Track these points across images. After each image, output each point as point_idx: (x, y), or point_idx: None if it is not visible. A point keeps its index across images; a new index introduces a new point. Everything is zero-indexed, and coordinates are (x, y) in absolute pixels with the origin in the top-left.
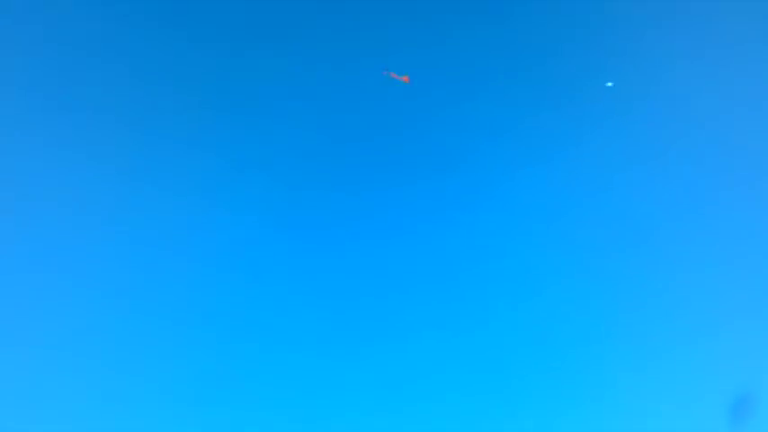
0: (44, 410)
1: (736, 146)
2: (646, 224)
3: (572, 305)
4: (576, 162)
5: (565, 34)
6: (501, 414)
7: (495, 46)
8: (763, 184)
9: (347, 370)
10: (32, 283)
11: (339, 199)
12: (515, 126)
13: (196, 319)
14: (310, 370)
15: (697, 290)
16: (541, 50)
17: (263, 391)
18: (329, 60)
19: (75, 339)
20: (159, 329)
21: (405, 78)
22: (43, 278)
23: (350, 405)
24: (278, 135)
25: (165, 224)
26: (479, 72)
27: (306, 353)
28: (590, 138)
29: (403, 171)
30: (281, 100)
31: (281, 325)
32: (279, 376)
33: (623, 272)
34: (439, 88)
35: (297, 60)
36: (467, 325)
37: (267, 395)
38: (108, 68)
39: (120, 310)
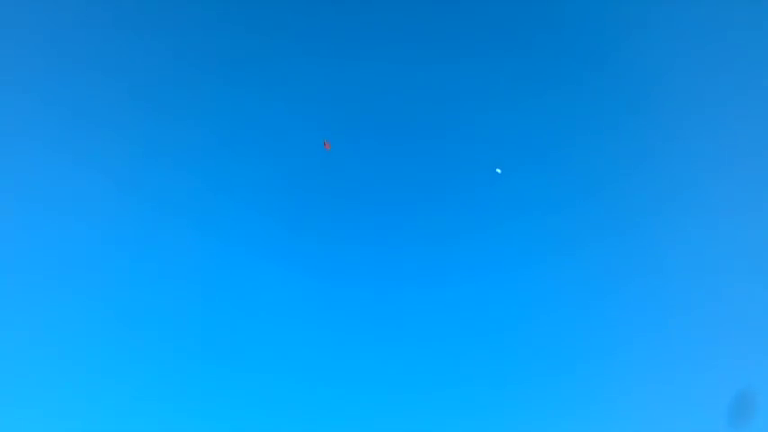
0: (41, 409)
1: (736, 148)
2: (645, 225)
3: (572, 306)
4: (574, 162)
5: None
6: (502, 414)
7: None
8: (763, 185)
9: (349, 367)
10: (30, 284)
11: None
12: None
13: (194, 321)
14: (311, 371)
15: (697, 290)
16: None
17: (260, 392)
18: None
19: (74, 338)
20: (154, 333)
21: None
22: (42, 277)
23: (349, 404)
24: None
25: (165, 227)
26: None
27: (305, 353)
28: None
29: (398, 166)
30: (282, 102)
31: (279, 325)
32: (277, 378)
33: (623, 272)
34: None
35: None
36: (467, 326)
37: (264, 395)
38: (108, 73)
39: (119, 312)
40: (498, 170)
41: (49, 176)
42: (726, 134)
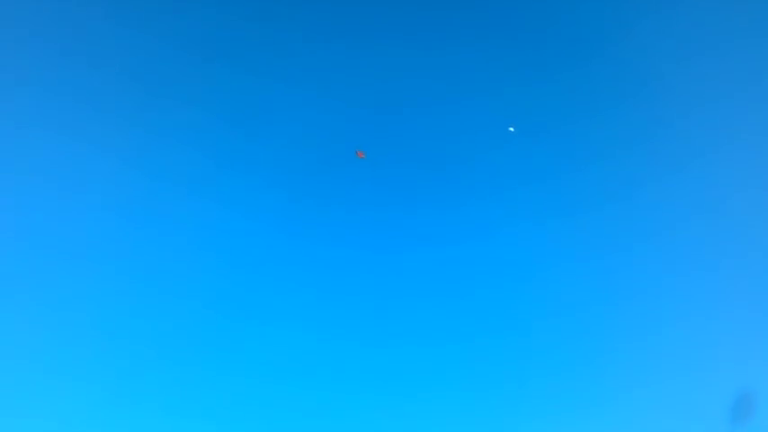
0: (40, 409)
1: (736, 149)
2: (645, 225)
3: (572, 306)
4: (574, 160)
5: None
6: (501, 415)
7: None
8: (763, 186)
9: (348, 369)
10: (28, 279)
11: (337, 197)
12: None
13: (194, 316)
14: (310, 368)
15: (697, 290)
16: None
17: (256, 390)
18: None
19: (71, 336)
20: (154, 327)
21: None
22: (40, 274)
23: (348, 405)
24: (280, 136)
25: (165, 222)
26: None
27: (303, 351)
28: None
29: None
30: (283, 101)
31: (280, 322)
32: (276, 375)
33: (623, 273)
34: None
35: (299, 61)
36: (468, 326)
37: (261, 394)
38: (110, 68)
39: (119, 307)
40: (511, 128)
41: (60, 160)
42: (731, 127)
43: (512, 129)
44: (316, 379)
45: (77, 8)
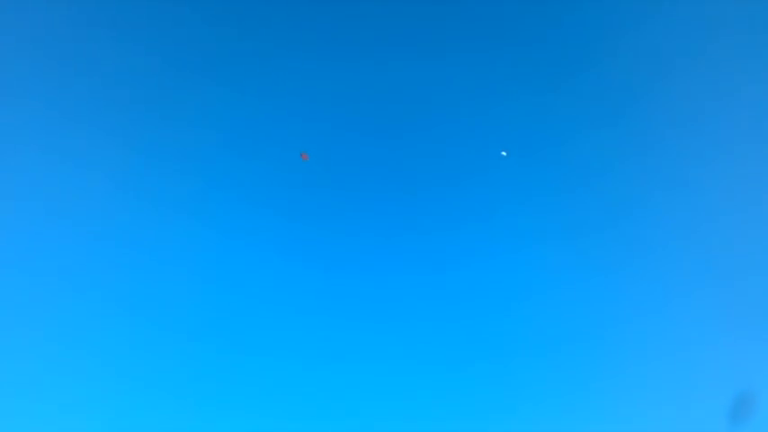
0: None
1: (736, 150)
2: (644, 226)
3: (572, 307)
4: (573, 162)
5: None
6: (500, 415)
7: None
8: (762, 187)
9: (348, 368)
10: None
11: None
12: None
13: (189, 321)
14: (309, 372)
15: (697, 291)
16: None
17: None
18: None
19: (70, 339)
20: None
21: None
22: (35, 278)
23: (347, 405)
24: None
25: (161, 229)
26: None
27: (302, 354)
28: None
29: (398, 170)
30: (281, 102)
31: (276, 329)
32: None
33: (623, 273)
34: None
35: (298, 64)
36: (468, 326)
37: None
38: (106, 71)
39: (116, 313)
40: (504, 153)
41: (48, 177)
42: (728, 129)
43: (504, 153)
44: (310, 389)
45: (70, 16)
